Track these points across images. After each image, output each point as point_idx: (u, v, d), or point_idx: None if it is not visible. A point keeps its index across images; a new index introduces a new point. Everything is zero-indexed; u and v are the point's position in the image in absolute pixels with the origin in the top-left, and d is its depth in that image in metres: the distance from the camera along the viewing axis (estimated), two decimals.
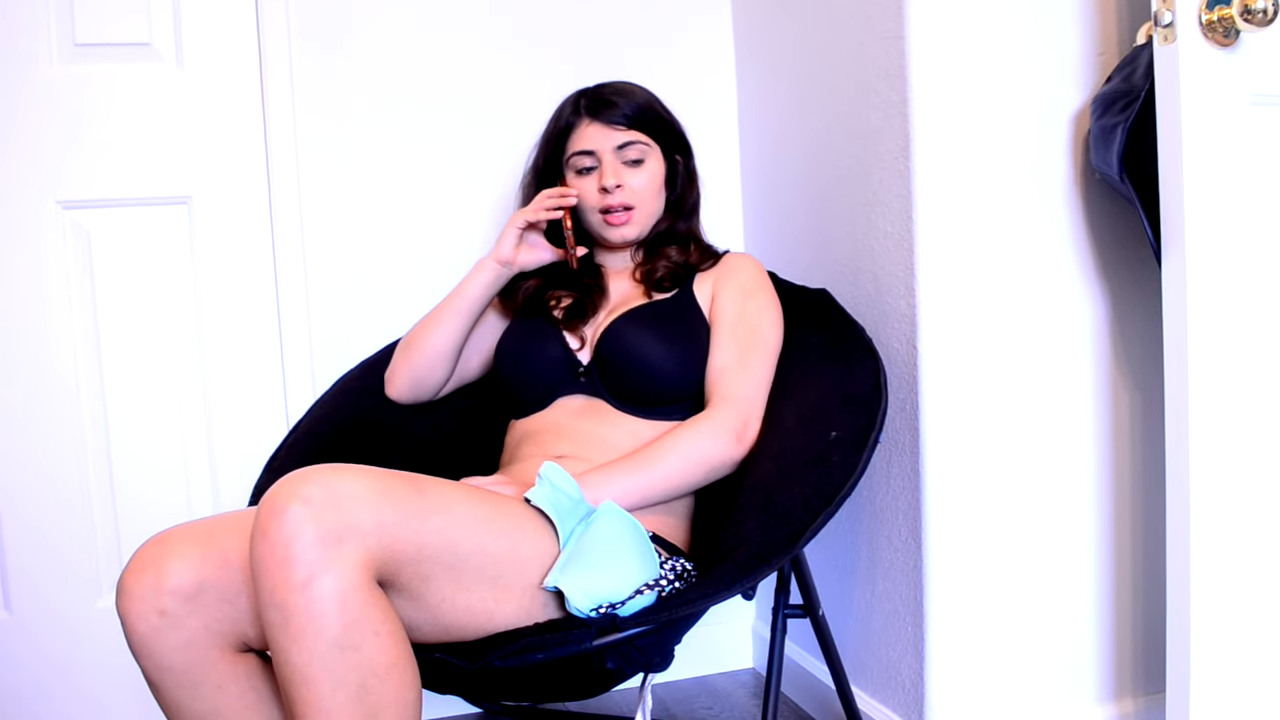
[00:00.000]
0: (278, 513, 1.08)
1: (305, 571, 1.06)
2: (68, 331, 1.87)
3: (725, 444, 1.45)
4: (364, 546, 1.09)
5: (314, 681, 1.07)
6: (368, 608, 1.09)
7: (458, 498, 1.22)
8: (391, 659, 1.10)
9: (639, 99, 1.61)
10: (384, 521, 1.11)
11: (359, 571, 1.08)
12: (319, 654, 1.06)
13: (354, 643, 1.07)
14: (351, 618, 1.07)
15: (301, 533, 1.06)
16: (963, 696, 1.63)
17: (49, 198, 1.84)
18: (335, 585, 1.06)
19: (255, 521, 1.10)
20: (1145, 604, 1.71)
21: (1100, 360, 1.66)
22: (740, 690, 2.10)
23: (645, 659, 1.24)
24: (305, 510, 1.07)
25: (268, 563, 1.07)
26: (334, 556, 1.07)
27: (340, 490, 1.10)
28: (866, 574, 1.76)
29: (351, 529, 1.08)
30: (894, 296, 1.63)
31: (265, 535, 1.08)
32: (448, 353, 1.64)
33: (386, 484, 1.14)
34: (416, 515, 1.14)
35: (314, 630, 1.06)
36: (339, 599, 1.06)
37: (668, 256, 1.62)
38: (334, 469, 1.13)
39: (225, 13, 1.88)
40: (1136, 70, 1.45)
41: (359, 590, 1.08)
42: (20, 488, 1.87)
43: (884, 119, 1.62)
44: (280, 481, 1.11)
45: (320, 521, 1.07)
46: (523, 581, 1.25)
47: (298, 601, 1.06)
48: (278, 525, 1.07)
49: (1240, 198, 1.33)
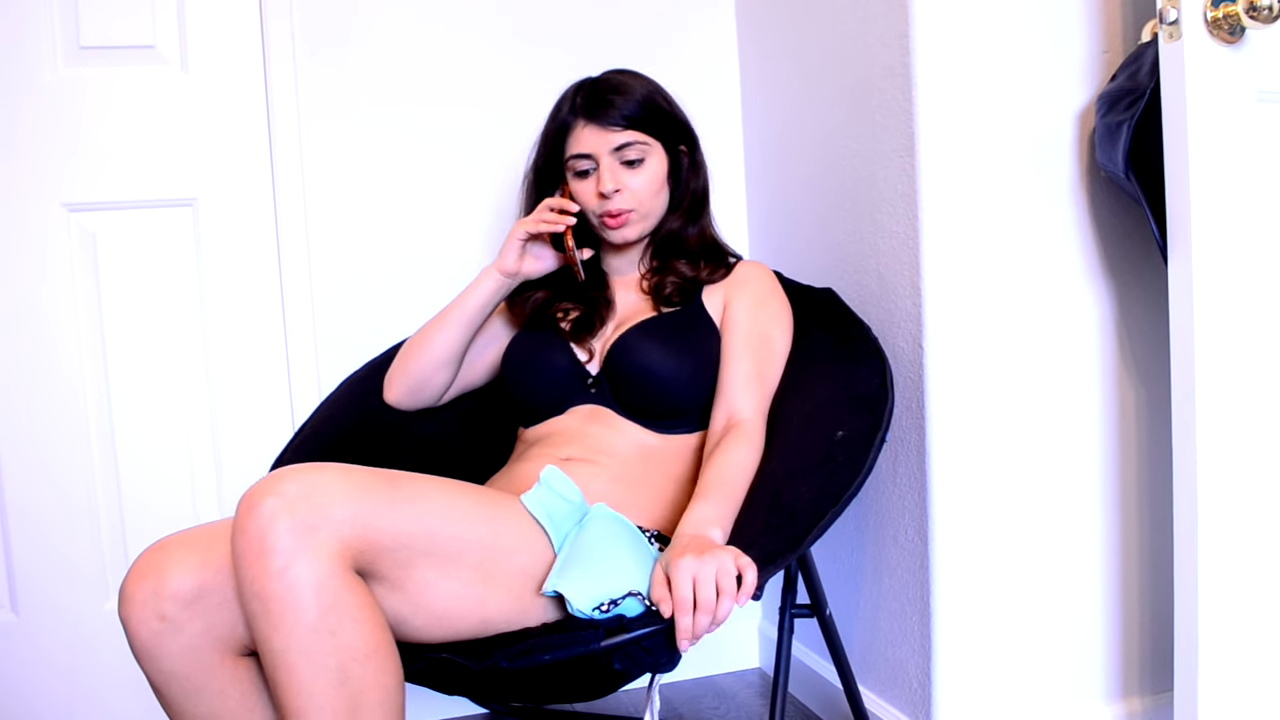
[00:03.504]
0: (253, 508, 1.11)
1: (281, 560, 1.09)
2: (73, 334, 1.87)
3: (760, 454, 1.45)
4: (338, 536, 1.12)
5: (294, 666, 1.10)
6: (344, 594, 1.11)
7: (434, 488, 1.24)
8: (371, 645, 1.13)
9: (637, 95, 1.56)
10: (358, 512, 1.14)
11: (334, 559, 1.11)
12: (298, 639, 1.09)
13: (330, 628, 1.10)
14: (328, 603, 1.10)
15: (276, 524, 1.10)
16: (970, 696, 1.63)
17: (54, 200, 1.85)
18: (311, 572, 1.10)
19: (234, 519, 1.14)
20: (1153, 602, 1.71)
21: (1106, 358, 1.65)
22: (747, 690, 2.09)
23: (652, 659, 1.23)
24: (279, 503, 1.11)
25: (246, 555, 1.11)
26: (308, 544, 1.10)
27: (313, 484, 1.13)
28: (873, 573, 1.76)
29: (325, 519, 1.11)
30: (900, 295, 1.63)
31: (243, 530, 1.11)
32: (447, 360, 1.63)
33: (360, 478, 1.17)
34: (390, 505, 1.17)
35: (292, 616, 1.09)
36: (315, 585, 1.10)
37: (676, 271, 1.60)
38: (308, 466, 1.16)
39: (229, 15, 1.89)
40: (1142, 68, 1.45)
41: (334, 577, 1.11)
42: (27, 491, 1.87)
43: (889, 117, 1.62)
44: (258, 481, 1.15)
45: (294, 513, 1.10)
46: (509, 568, 1.25)
47: (275, 589, 1.09)
48: (253, 519, 1.11)
49: (1246, 195, 1.32)
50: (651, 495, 1.48)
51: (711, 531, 1.29)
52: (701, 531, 1.29)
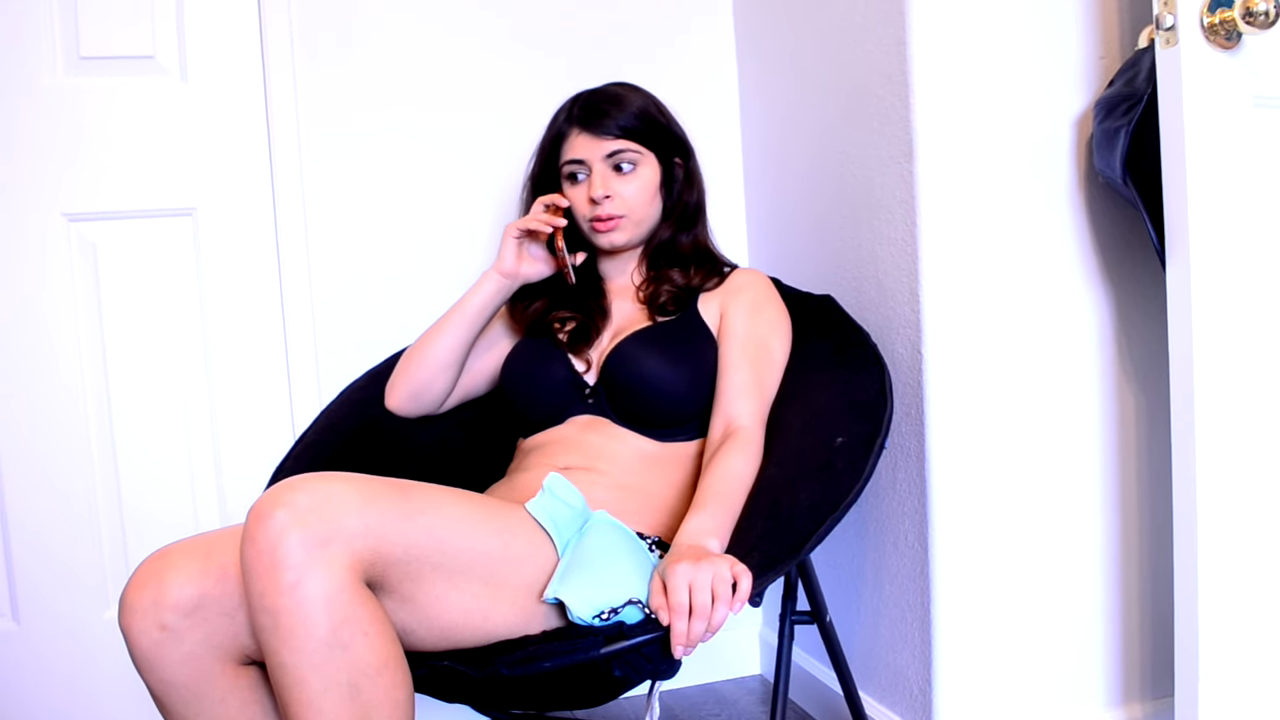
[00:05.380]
0: (264, 519, 1.09)
1: (293, 574, 1.07)
2: (74, 343, 1.87)
3: (759, 463, 1.45)
4: (350, 549, 1.10)
5: (305, 682, 1.08)
6: (356, 608, 1.10)
7: (446, 499, 1.23)
8: (382, 659, 1.11)
9: (632, 107, 1.58)
10: (369, 524, 1.12)
11: (346, 573, 1.10)
12: (309, 654, 1.08)
13: (343, 642, 1.09)
14: (340, 618, 1.08)
15: (287, 537, 1.08)
16: (970, 702, 1.63)
17: (54, 210, 1.85)
18: (322, 587, 1.08)
19: (244, 529, 1.12)
20: (1153, 608, 1.71)
21: (1105, 364, 1.66)
22: (748, 697, 2.09)
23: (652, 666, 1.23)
24: (290, 515, 1.09)
25: (256, 567, 1.09)
26: (320, 559, 1.08)
27: (324, 495, 1.11)
28: (873, 580, 1.76)
29: (337, 532, 1.10)
30: (898, 302, 1.63)
31: (253, 541, 1.10)
32: (448, 364, 1.63)
33: (371, 488, 1.16)
34: (402, 516, 1.16)
35: (303, 631, 1.07)
36: (326, 600, 1.08)
37: (670, 280, 1.60)
38: (319, 476, 1.14)
39: (228, 25, 1.89)
40: (1139, 74, 1.45)
41: (346, 591, 1.09)
42: (28, 499, 1.87)
43: (887, 124, 1.63)
44: (267, 490, 1.13)
45: (305, 525, 1.09)
46: (516, 581, 1.25)
47: (286, 603, 1.07)
48: (264, 531, 1.09)
49: (1243, 200, 1.33)
50: (651, 502, 1.48)
51: (709, 541, 1.29)
52: (698, 541, 1.29)
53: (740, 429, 1.46)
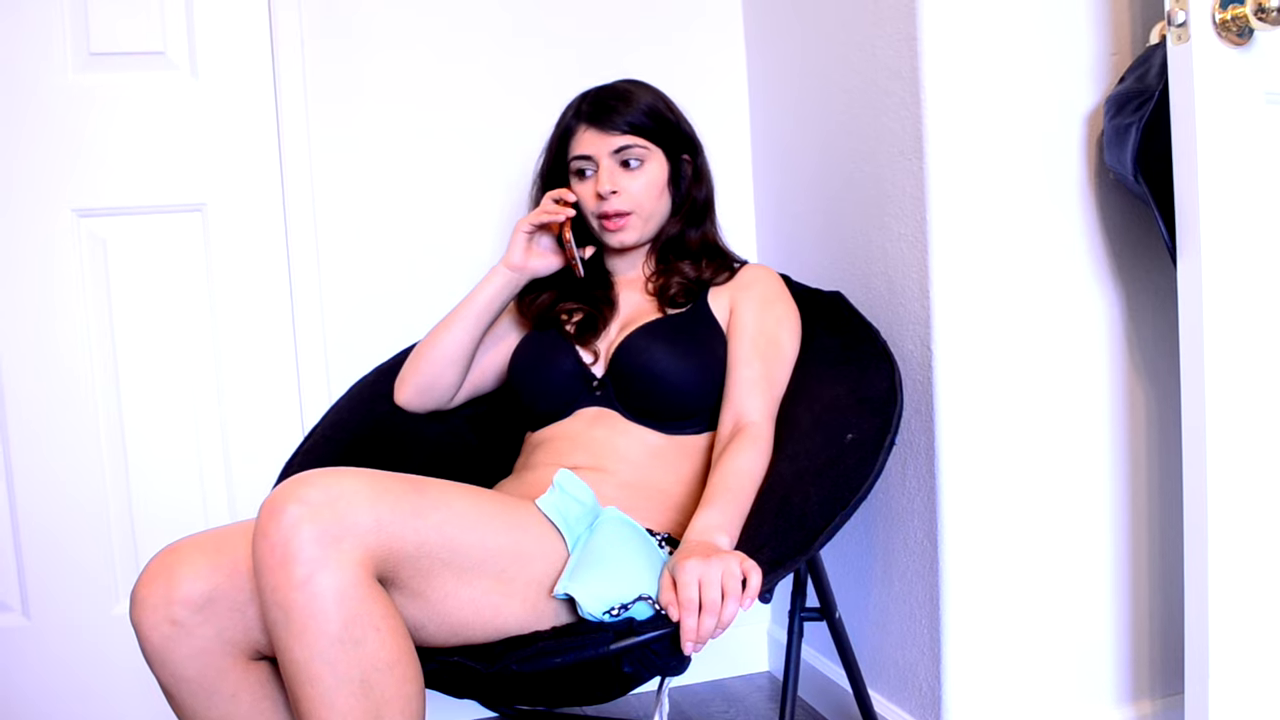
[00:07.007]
0: (276, 514, 1.10)
1: (305, 569, 1.08)
2: (84, 339, 1.88)
3: (769, 458, 1.45)
4: (362, 545, 1.11)
5: (317, 678, 1.08)
6: (368, 604, 1.10)
7: (457, 495, 1.23)
8: (394, 654, 1.11)
9: (640, 104, 1.58)
10: (381, 520, 1.13)
11: (358, 569, 1.10)
12: (320, 650, 1.08)
13: (355, 638, 1.09)
14: (352, 613, 1.09)
15: (300, 532, 1.08)
16: (980, 699, 1.63)
17: (64, 206, 1.86)
18: (335, 582, 1.08)
19: (256, 524, 1.12)
20: (1163, 605, 1.71)
21: (1115, 360, 1.65)
22: (756, 694, 2.09)
23: (662, 663, 1.23)
24: (303, 510, 1.09)
25: (268, 562, 1.09)
26: (332, 554, 1.09)
27: (337, 491, 1.12)
28: (883, 577, 1.76)
29: (349, 528, 1.10)
30: (908, 299, 1.63)
31: (265, 536, 1.10)
32: (458, 358, 1.63)
33: (383, 484, 1.16)
34: (414, 513, 1.16)
35: (315, 627, 1.08)
36: (339, 595, 1.08)
37: (681, 272, 1.61)
38: (332, 471, 1.15)
39: (238, 21, 1.89)
40: (1150, 70, 1.44)
41: (358, 586, 1.10)
42: (38, 495, 1.88)
43: (896, 120, 1.62)
44: (279, 485, 1.14)
45: (318, 521, 1.09)
46: (527, 577, 1.25)
47: (298, 599, 1.08)
48: (276, 526, 1.09)
49: (1255, 196, 1.32)
50: (661, 498, 1.48)
51: (718, 538, 1.29)
52: (708, 538, 1.29)
53: (750, 425, 1.46)
